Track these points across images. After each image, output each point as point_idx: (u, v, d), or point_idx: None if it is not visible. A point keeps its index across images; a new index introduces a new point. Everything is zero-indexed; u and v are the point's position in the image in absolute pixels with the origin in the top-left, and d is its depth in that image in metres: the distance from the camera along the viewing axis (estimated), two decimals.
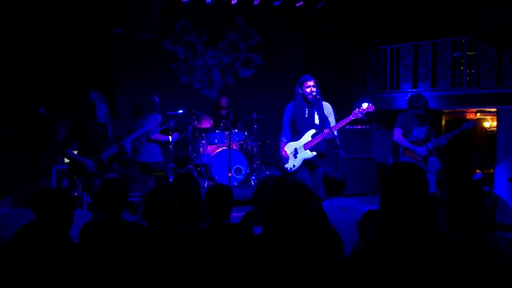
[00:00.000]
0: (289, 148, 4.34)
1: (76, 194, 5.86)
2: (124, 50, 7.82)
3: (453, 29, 7.53)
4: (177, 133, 5.28)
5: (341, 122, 4.14)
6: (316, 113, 4.26)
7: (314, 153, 4.19)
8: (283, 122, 4.44)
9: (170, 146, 6.52)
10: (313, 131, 4.22)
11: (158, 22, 7.31)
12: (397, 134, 4.98)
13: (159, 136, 5.13)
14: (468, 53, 7.29)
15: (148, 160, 5.09)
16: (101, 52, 7.48)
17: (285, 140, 4.40)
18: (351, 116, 4.08)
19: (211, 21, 8.36)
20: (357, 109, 4.07)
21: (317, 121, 4.25)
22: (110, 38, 7.36)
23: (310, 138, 4.21)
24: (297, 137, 4.31)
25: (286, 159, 4.33)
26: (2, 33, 5.85)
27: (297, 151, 4.26)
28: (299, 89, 4.28)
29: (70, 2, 6.61)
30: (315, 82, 4.28)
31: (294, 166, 4.27)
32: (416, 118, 4.87)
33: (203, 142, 7.27)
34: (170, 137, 5.15)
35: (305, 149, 4.21)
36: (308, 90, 4.21)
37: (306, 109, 4.28)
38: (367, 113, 4.10)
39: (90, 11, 6.66)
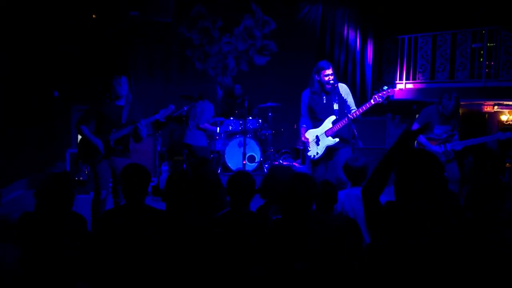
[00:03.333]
0: (310, 135, 4.28)
1: (81, 178, 5.92)
2: (138, 37, 7.79)
3: (473, 19, 7.38)
4: (225, 122, 5.94)
5: (361, 107, 3.95)
6: (333, 97, 4.17)
7: (337, 139, 4.13)
8: (301, 108, 4.37)
9: (216, 137, 6.72)
10: (333, 117, 4.15)
11: (175, 6, 7.26)
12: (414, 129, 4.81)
13: (208, 126, 5.63)
14: (488, 44, 7.16)
15: (191, 143, 5.62)
16: (118, 36, 7.46)
17: (305, 126, 4.35)
18: (371, 101, 3.89)
19: (227, 7, 8.28)
20: (377, 94, 3.89)
21: (336, 106, 4.15)
22: (125, 23, 7.34)
23: (331, 125, 4.14)
24: (317, 124, 4.25)
25: (307, 145, 4.28)
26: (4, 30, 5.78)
27: (319, 138, 4.20)
28: (316, 76, 4.17)
29: None
30: (333, 69, 4.17)
31: (317, 153, 4.22)
32: (441, 115, 4.55)
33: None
34: (218, 128, 5.69)
35: (327, 136, 4.15)
36: (326, 78, 4.11)
37: (324, 96, 4.21)
38: (387, 98, 3.88)
39: None
